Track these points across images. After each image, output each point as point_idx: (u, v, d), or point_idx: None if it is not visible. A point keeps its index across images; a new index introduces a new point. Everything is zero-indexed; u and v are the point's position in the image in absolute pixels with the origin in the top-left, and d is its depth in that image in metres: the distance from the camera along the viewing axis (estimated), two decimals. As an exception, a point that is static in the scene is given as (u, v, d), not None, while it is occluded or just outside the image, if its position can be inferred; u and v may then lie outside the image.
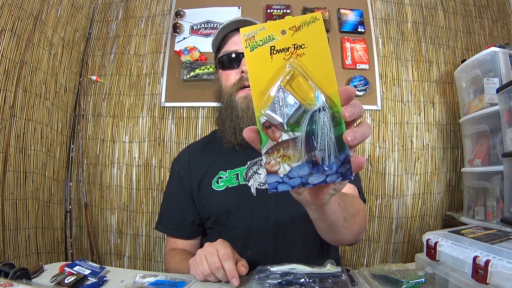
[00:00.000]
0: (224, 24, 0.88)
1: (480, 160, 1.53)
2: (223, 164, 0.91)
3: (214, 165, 0.92)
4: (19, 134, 1.46)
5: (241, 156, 0.89)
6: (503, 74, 1.44)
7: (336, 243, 0.75)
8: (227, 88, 0.88)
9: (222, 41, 0.92)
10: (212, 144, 0.99)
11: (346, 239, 0.68)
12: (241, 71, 0.85)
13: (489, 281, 0.49)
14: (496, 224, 1.29)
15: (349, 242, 0.71)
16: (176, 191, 0.97)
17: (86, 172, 1.88)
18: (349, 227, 0.63)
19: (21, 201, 1.45)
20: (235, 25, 0.88)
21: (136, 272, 0.74)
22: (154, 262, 1.83)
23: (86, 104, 1.93)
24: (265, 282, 0.59)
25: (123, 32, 2.00)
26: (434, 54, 1.95)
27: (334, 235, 0.66)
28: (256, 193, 0.86)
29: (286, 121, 0.35)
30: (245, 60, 0.82)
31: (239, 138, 0.85)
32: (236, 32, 0.89)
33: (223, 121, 0.89)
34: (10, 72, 1.40)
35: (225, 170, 0.90)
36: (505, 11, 2.07)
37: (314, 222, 0.61)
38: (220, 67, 0.92)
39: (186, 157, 0.98)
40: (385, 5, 1.99)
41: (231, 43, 0.89)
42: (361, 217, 0.69)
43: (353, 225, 0.65)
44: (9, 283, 0.59)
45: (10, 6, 1.39)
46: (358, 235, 0.72)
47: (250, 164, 0.89)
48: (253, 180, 0.87)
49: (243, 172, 0.88)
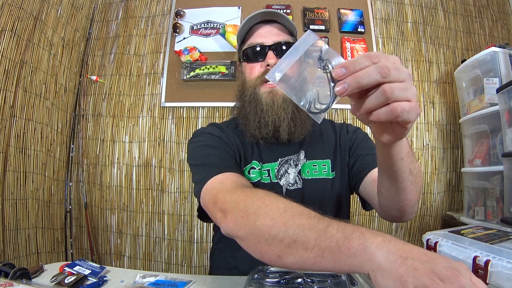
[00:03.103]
0: (250, 16, 0.85)
1: (480, 160, 1.53)
2: (256, 155, 0.86)
3: (248, 153, 0.86)
4: (19, 134, 1.47)
5: (271, 152, 0.86)
6: (503, 74, 1.44)
7: (398, 214, 0.68)
8: (251, 81, 0.85)
9: (247, 33, 0.88)
10: (238, 129, 0.90)
11: (409, 199, 0.63)
12: (266, 64, 0.82)
13: (489, 281, 0.49)
14: (496, 224, 1.29)
15: (411, 207, 0.65)
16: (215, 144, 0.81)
17: (86, 172, 1.88)
18: (414, 182, 0.60)
19: (21, 201, 1.45)
20: (261, 17, 0.86)
21: (136, 272, 0.74)
22: (154, 262, 1.83)
23: (86, 104, 1.93)
24: (264, 281, 0.59)
25: (123, 32, 2.00)
26: (434, 54, 1.95)
27: (398, 193, 0.61)
28: (286, 193, 0.84)
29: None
30: (271, 53, 0.81)
31: (264, 132, 0.82)
32: (262, 25, 0.86)
33: (246, 114, 0.85)
34: (10, 72, 1.40)
35: (259, 162, 0.85)
36: (505, 11, 2.07)
37: (380, 175, 0.61)
38: (244, 59, 0.88)
39: (217, 129, 0.87)
40: (385, 5, 1.99)
41: (257, 35, 0.86)
42: (420, 177, 0.65)
43: (417, 182, 0.61)
44: (9, 283, 0.59)
45: (10, 6, 1.40)
46: (418, 200, 0.67)
47: (281, 162, 0.86)
48: (284, 179, 0.85)
49: (274, 169, 0.85)
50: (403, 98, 0.40)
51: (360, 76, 0.39)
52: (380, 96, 0.40)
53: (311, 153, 0.87)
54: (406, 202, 0.63)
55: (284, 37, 0.85)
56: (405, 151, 0.54)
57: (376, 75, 0.39)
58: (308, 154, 0.87)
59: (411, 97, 0.40)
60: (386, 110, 0.40)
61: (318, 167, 0.86)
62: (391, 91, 0.39)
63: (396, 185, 0.59)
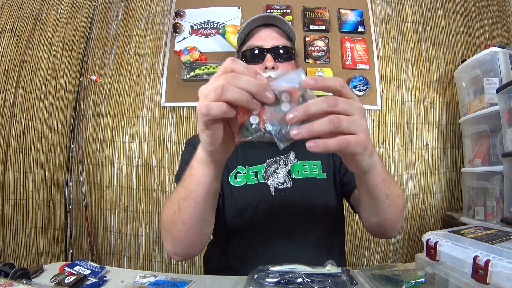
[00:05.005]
0: (252, 19, 0.87)
1: (480, 160, 1.53)
2: (241, 159, 0.89)
3: (231, 159, 0.88)
4: (19, 134, 1.47)
5: (259, 153, 0.88)
6: (503, 74, 1.44)
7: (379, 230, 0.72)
8: None
9: (247, 35, 0.90)
10: None
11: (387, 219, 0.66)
12: (264, 67, 0.84)
13: (489, 281, 0.49)
14: (496, 224, 1.29)
15: (391, 226, 0.69)
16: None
17: (86, 172, 1.88)
18: (391, 205, 0.62)
19: (21, 201, 1.45)
20: (262, 21, 0.88)
21: (136, 272, 0.74)
22: (154, 262, 1.83)
23: (86, 104, 1.93)
24: (264, 281, 0.59)
25: (123, 32, 2.00)
26: (434, 54, 1.95)
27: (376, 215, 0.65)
28: (275, 192, 0.85)
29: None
30: (269, 56, 0.83)
31: None
32: (262, 28, 0.88)
33: None
34: (10, 72, 1.40)
35: (244, 166, 0.87)
36: (505, 11, 2.07)
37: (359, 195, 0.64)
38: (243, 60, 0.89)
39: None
40: (385, 5, 1.99)
41: (257, 38, 0.88)
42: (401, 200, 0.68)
43: (396, 205, 0.64)
44: (9, 283, 0.59)
45: (10, 6, 1.40)
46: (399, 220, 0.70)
47: (269, 163, 0.87)
48: (272, 179, 0.86)
49: (262, 170, 0.87)
50: (349, 131, 0.41)
51: (308, 104, 0.40)
52: (326, 123, 0.40)
53: (302, 153, 0.88)
54: (385, 221, 0.67)
55: (283, 41, 0.88)
56: (379, 179, 0.56)
57: (323, 105, 0.40)
58: (298, 154, 0.89)
59: (358, 131, 0.42)
60: (333, 140, 0.41)
61: (308, 167, 0.88)
62: (337, 121, 0.40)
63: (374, 206, 0.62)
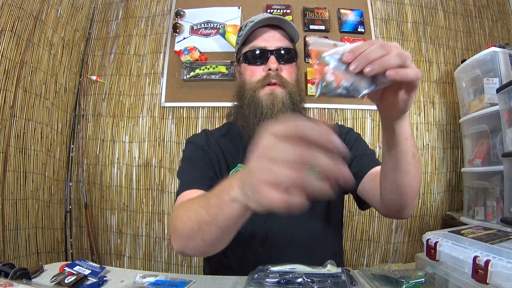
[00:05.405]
0: (257, 20, 0.87)
1: (480, 160, 1.53)
2: (243, 157, 0.88)
3: (233, 156, 0.89)
4: (19, 134, 1.46)
5: None
6: (503, 74, 1.44)
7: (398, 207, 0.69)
8: (252, 84, 0.87)
9: (250, 35, 0.90)
10: (229, 136, 0.95)
11: (411, 186, 0.63)
12: (268, 69, 0.84)
13: (489, 281, 0.49)
14: (496, 224, 1.29)
15: (413, 194, 0.66)
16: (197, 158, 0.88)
17: (86, 172, 1.88)
18: (416, 166, 0.61)
19: (21, 201, 1.45)
20: (266, 22, 0.87)
21: (136, 272, 0.74)
22: (154, 262, 1.83)
23: (86, 104, 1.93)
24: (264, 281, 0.59)
25: (123, 32, 2.00)
26: (434, 54, 1.95)
27: (402, 177, 0.62)
28: None
29: None
30: (273, 58, 0.84)
31: None
32: (266, 29, 0.88)
33: (245, 117, 0.87)
34: (10, 72, 1.40)
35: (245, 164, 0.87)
36: (505, 11, 2.07)
37: (385, 159, 0.62)
38: (245, 61, 0.90)
39: (203, 137, 0.93)
40: (385, 5, 1.99)
41: (261, 39, 0.87)
42: (421, 168, 0.68)
43: (419, 168, 0.63)
44: (9, 283, 0.59)
45: (10, 6, 1.40)
46: (418, 191, 0.68)
47: None
48: None
49: None
50: (409, 66, 0.45)
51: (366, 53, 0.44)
52: (397, 58, 0.44)
53: None
54: (409, 189, 0.64)
55: (286, 43, 0.88)
56: (409, 132, 0.58)
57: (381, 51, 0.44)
58: None
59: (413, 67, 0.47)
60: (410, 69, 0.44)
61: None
62: (404, 56, 0.44)
63: (400, 167, 0.61)
